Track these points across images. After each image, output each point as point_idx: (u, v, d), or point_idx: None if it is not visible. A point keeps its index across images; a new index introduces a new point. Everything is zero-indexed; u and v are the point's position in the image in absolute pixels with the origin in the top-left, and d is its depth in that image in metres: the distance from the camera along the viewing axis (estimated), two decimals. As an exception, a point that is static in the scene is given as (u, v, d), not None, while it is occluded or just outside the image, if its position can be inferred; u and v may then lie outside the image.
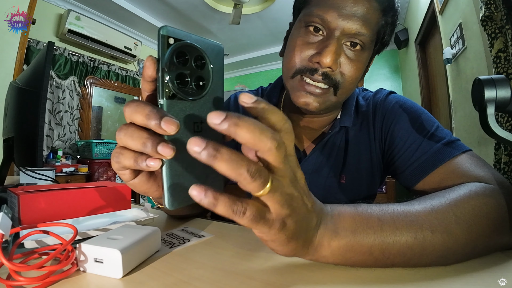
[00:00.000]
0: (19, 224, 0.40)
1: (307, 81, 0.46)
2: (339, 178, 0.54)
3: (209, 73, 0.24)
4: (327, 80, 0.46)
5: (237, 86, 4.52)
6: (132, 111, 0.22)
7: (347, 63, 0.46)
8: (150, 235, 0.34)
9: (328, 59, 0.43)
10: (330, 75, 0.45)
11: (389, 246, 0.27)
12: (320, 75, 0.45)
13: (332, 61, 0.43)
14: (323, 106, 0.48)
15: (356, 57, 0.46)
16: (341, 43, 0.45)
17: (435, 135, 0.45)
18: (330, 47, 0.43)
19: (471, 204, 0.31)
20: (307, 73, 0.46)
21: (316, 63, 0.45)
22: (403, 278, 0.27)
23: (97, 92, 3.19)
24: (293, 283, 0.26)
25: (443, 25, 2.07)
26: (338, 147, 0.55)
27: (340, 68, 0.46)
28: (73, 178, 2.54)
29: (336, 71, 0.45)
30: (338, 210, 0.28)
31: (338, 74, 0.46)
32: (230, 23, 2.41)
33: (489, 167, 0.40)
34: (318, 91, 0.46)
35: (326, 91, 0.47)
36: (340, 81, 0.46)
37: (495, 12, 1.11)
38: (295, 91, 0.48)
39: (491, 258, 0.31)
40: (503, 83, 0.31)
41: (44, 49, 0.63)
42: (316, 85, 0.46)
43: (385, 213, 0.29)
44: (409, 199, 0.33)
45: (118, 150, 0.24)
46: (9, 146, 0.75)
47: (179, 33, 0.22)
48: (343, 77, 0.46)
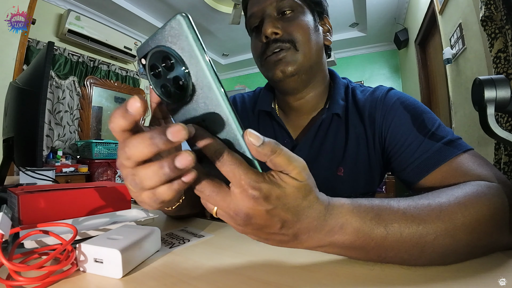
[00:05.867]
0: (19, 224, 0.40)
1: (270, 54, 0.53)
2: (336, 170, 0.54)
3: (180, 67, 0.20)
4: (280, 42, 0.52)
5: (237, 86, 4.52)
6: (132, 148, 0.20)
7: (287, 24, 0.52)
8: (150, 235, 0.34)
9: (267, 28, 0.51)
10: (280, 39, 0.52)
11: (389, 248, 0.27)
12: (273, 43, 0.52)
13: (271, 28, 0.51)
14: (296, 65, 0.52)
15: (293, 18, 0.53)
16: (274, 16, 0.53)
17: (437, 133, 0.45)
18: (265, 22, 0.52)
19: (479, 204, 0.31)
20: (266, 51, 0.53)
21: (265, 39, 0.53)
22: (402, 278, 0.27)
23: (97, 92, 3.18)
24: (293, 283, 0.26)
25: (443, 25, 2.07)
26: (336, 138, 0.55)
27: (285, 30, 0.52)
28: (73, 178, 2.54)
29: (283, 34, 0.52)
30: (341, 207, 0.27)
31: (286, 35, 0.52)
32: (230, 23, 2.41)
33: (491, 166, 0.40)
34: (281, 55, 0.52)
35: (287, 51, 0.52)
36: (293, 39, 0.52)
37: (495, 12, 1.12)
38: (269, 69, 0.54)
39: (491, 258, 0.30)
40: (503, 83, 0.31)
41: (44, 49, 0.63)
42: (277, 52, 0.52)
43: (391, 212, 0.28)
44: (417, 194, 0.32)
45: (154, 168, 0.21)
46: (9, 146, 0.75)
47: (144, 47, 0.22)
48: (293, 34, 0.52)
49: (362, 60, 4.15)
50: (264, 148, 0.22)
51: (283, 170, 0.23)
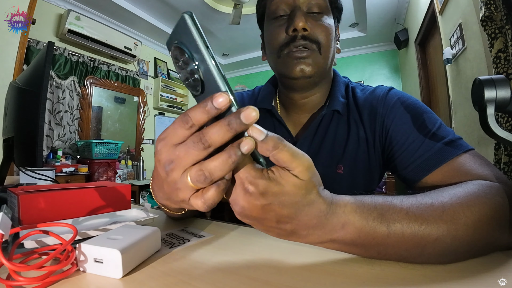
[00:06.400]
0: (19, 224, 0.40)
1: (293, 49, 0.51)
2: (336, 168, 0.54)
3: (191, 60, 0.22)
4: (308, 40, 0.51)
5: (237, 86, 4.52)
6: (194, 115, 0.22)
7: (316, 25, 0.52)
8: (150, 235, 0.34)
9: (299, 22, 0.49)
10: (308, 35, 0.51)
11: (388, 247, 0.27)
12: (300, 39, 0.51)
13: (303, 22, 0.50)
14: (316, 69, 0.52)
15: (321, 20, 0.53)
16: (304, 12, 0.52)
17: (437, 133, 0.45)
18: (297, 14, 0.50)
19: (481, 203, 0.31)
20: (290, 44, 0.52)
21: (292, 32, 0.51)
22: (402, 277, 0.27)
23: (97, 92, 3.18)
24: (293, 283, 0.26)
25: (443, 25, 2.07)
26: (335, 135, 0.55)
27: (312, 30, 0.51)
28: (73, 178, 2.54)
29: (311, 31, 0.51)
30: (344, 205, 0.27)
31: (314, 34, 0.51)
32: (230, 23, 2.41)
33: (492, 166, 0.40)
34: (306, 54, 0.51)
35: (311, 52, 0.52)
36: (319, 40, 0.52)
37: (495, 12, 1.12)
38: (288, 65, 0.53)
39: (491, 258, 0.30)
40: (503, 83, 0.31)
41: (44, 49, 0.62)
42: (302, 49, 0.51)
43: (390, 210, 0.28)
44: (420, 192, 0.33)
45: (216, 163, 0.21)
46: (9, 146, 0.75)
47: (169, 40, 0.24)
48: (319, 36, 0.52)
49: (362, 60, 4.15)
50: (266, 142, 0.22)
51: (286, 166, 0.23)
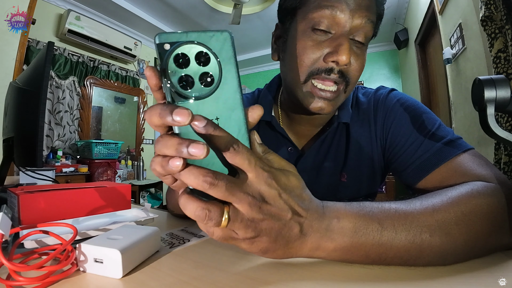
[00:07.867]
0: (19, 224, 0.40)
1: (319, 86, 0.45)
2: (340, 176, 0.54)
3: (216, 66, 0.23)
4: (343, 77, 0.45)
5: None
6: (149, 116, 0.22)
7: (356, 60, 0.45)
8: (150, 235, 0.34)
9: (345, 57, 0.42)
10: (345, 73, 0.45)
11: (387, 250, 0.27)
12: (337, 74, 0.44)
13: (348, 59, 0.42)
14: (335, 108, 0.49)
15: (361, 52, 0.46)
16: (351, 42, 0.44)
17: (437, 134, 0.45)
18: (345, 44, 0.42)
19: (472, 203, 0.31)
20: (322, 74, 0.45)
21: (331, 62, 0.44)
22: (402, 277, 0.27)
23: (97, 92, 3.18)
24: (293, 283, 0.26)
25: (443, 25, 2.07)
26: (338, 144, 0.55)
27: (352, 65, 0.45)
28: (73, 178, 2.53)
29: (349, 67, 0.45)
30: (337, 210, 0.28)
31: (350, 71, 0.45)
32: (230, 23, 2.41)
33: (491, 166, 0.40)
34: (331, 95, 0.46)
35: (338, 92, 0.46)
36: (351, 78, 0.46)
37: (495, 12, 1.12)
38: (308, 97, 0.47)
39: (491, 258, 0.30)
40: (503, 83, 0.31)
41: (44, 49, 0.63)
42: (328, 90, 0.45)
43: (384, 214, 0.29)
44: (411, 197, 0.33)
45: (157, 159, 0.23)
46: (9, 146, 0.75)
47: (174, 36, 0.22)
48: (352, 74, 0.46)
49: (362, 60, 4.14)
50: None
51: None
